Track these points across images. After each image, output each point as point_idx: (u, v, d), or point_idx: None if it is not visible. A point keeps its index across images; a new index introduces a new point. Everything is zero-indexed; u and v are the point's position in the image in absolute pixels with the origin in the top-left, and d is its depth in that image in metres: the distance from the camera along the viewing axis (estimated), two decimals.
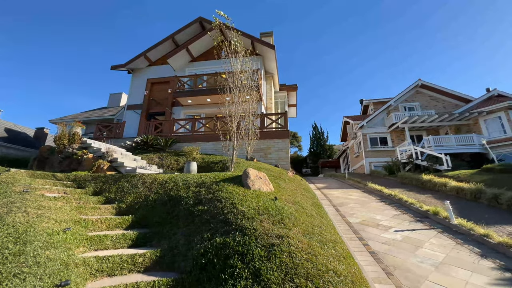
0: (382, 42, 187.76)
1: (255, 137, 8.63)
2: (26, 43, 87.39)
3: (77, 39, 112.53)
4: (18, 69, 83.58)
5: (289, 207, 4.12)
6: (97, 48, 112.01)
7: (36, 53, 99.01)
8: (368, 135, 18.30)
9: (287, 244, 2.76)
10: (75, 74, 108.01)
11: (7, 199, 3.74)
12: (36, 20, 72.63)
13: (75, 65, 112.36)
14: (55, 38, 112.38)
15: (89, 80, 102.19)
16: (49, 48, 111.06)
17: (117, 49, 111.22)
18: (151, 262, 3.05)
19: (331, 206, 6.88)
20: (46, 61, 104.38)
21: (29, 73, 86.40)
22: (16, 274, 2.22)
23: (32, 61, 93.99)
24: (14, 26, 69.26)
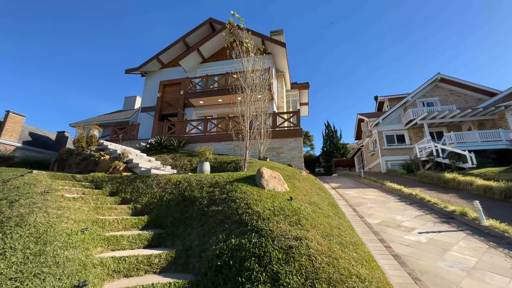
0: (395, 38, 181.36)
1: (267, 137, 8.53)
2: (42, 42, 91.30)
3: (92, 42, 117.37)
4: (36, 70, 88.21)
5: (306, 207, 3.98)
6: (112, 52, 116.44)
7: (55, 55, 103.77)
8: (384, 133, 17.67)
9: (306, 246, 2.63)
10: (93, 79, 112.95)
11: (29, 199, 3.85)
12: (46, 20, 75.63)
13: (93, 70, 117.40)
14: (69, 39, 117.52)
15: (105, 84, 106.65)
16: (66, 52, 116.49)
17: (131, 52, 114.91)
18: (166, 263, 3.02)
19: (347, 206, 6.64)
20: (66, 65, 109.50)
21: (48, 76, 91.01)
22: (37, 274, 2.24)
23: (52, 62, 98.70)
24: (20, 26, 72.39)
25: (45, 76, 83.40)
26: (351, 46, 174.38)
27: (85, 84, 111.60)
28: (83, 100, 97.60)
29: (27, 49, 77.50)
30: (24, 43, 75.10)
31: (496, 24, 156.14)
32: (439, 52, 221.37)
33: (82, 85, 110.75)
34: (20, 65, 74.50)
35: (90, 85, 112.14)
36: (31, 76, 73.71)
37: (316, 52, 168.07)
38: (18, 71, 74.21)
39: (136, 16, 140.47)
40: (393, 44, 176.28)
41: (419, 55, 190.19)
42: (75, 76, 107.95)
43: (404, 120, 17.30)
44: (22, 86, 75.14)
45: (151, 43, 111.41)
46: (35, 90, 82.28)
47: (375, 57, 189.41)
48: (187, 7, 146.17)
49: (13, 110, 17.27)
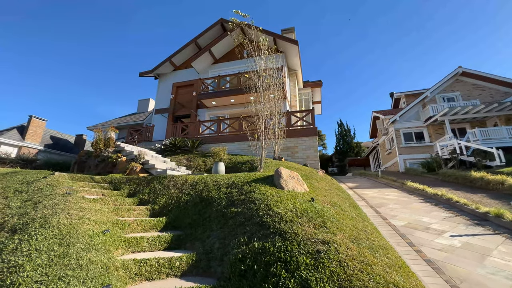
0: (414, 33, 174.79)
1: (281, 136, 8.37)
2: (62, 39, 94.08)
3: (106, 45, 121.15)
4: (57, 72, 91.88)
5: (328, 208, 3.80)
6: (125, 56, 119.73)
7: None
8: (402, 130, 17.00)
9: (335, 251, 2.46)
10: (107, 82, 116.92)
11: (52, 201, 3.91)
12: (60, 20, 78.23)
13: (106, 72, 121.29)
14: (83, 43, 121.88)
15: (119, 87, 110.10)
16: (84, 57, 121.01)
17: (143, 55, 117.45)
18: (187, 266, 2.94)
19: (368, 207, 6.36)
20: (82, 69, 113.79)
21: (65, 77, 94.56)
22: (61, 277, 2.22)
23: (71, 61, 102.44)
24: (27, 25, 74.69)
25: (62, 76, 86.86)
26: (364, 45, 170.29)
27: (100, 88, 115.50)
28: (99, 104, 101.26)
29: (43, 46, 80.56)
30: (39, 39, 77.83)
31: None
32: (460, 47, 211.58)
33: (98, 89, 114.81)
34: (37, 63, 77.59)
35: (104, 89, 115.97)
36: (47, 73, 76.52)
37: (328, 50, 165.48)
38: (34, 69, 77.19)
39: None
40: (408, 38, 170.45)
41: (438, 50, 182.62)
42: (91, 79, 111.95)
43: (423, 117, 16.56)
44: (39, 86, 78.57)
45: (162, 46, 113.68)
46: (50, 92, 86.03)
47: (388, 53, 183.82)
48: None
49: (35, 115, 18.07)
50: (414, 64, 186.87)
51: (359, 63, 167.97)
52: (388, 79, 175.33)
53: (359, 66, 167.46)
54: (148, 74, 15.97)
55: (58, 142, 20.25)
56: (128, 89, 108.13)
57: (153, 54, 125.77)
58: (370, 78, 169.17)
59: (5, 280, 2.13)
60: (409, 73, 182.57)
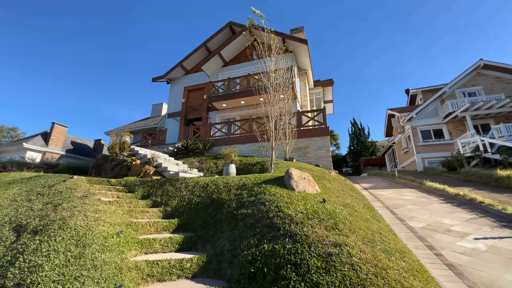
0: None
1: (292, 136, 8.28)
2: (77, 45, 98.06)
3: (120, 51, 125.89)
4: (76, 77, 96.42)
5: (341, 210, 3.69)
6: (140, 62, 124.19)
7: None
8: (419, 128, 16.31)
9: (347, 254, 2.38)
10: (124, 88, 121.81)
11: (70, 203, 4.08)
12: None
13: (121, 79, 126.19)
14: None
15: (133, 93, 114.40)
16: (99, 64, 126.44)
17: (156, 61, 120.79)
18: (198, 268, 2.95)
19: (384, 208, 6.13)
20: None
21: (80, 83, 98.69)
22: (77, 277, 2.29)
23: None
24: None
25: (76, 81, 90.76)
26: (379, 42, 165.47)
27: (117, 93, 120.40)
28: (114, 110, 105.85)
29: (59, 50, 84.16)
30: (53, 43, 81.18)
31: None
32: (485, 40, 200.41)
33: (115, 95, 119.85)
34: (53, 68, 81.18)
35: (122, 95, 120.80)
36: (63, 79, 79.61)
37: (341, 49, 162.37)
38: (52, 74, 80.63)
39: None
40: (423, 34, 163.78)
41: (458, 44, 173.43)
42: (108, 85, 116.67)
43: (441, 113, 15.81)
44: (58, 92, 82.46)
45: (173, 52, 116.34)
46: (70, 98, 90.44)
47: (402, 50, 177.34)
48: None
49: (57, 121, 19.06)
50: (430, 61, 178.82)
51: (374, 62, 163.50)
52: (403, 77, 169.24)
53: (373, 66, 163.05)
54: (160, 79, 16.40)
55: (78, 147, 21.22)
56: (144, 94, 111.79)
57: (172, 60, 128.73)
58: (385, 77, 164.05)
59: (25, 280, 2.23)
60: (424, 71, 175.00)
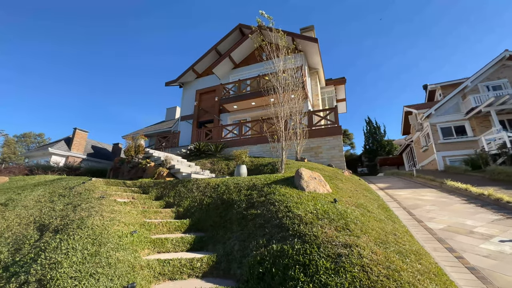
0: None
1: (303, 136, 8.18)
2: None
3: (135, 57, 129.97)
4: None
5: (352, 210, 3.59)
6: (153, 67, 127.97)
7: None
8: (439, 125, 15.54)
9: (358, 255, 2.31)
10: (140, 93, 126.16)
11: (88, 204, 4.27)
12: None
13: (135, 84, 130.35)
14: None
15: (149, 98, 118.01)
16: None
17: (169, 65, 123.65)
18: (208, 267, 2.98)
19: (400, 208, 5.89)
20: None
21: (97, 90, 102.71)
22: (92, 274, 2.39)
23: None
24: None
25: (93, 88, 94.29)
26: (387, 40, 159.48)
27: (133, 99, 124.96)
28: (133, 114, 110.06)
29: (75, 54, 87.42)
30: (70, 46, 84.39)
31: None
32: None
33: (133, 99, 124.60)
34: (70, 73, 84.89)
35: (138, 99, 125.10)
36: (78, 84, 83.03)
37: (353, 46, 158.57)
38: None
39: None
40: (441, 26, 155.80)
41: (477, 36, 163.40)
42: (126, 90, 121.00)
43: (463, 109, 14.98)
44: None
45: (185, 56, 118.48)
46: (89, 104, 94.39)
47: (417, 45, 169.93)
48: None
49: (79, 127, 20.09)
50: (446, 56, 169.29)
51: (388, 60, 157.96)
52: (420, 74, 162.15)
53: (388, 63, 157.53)
54: (173, 83, 16.84)
55: (98, 151, 22.24)
56: (160, 98, 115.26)
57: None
58: (401, 73, 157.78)
59: (46, 275, 2.36)
60: (441, 66, 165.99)
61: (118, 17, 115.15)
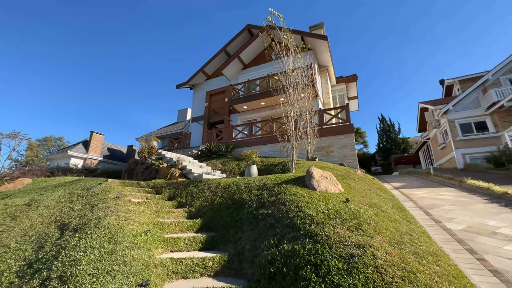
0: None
1: (314, 135, 8.09)
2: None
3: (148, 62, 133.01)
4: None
5: (366, 210, 3.50)
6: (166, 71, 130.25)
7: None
8: (457, 121, 14.87)
9: (371, 255, 2.25)
10: (153, 96, 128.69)
11: (105, 204, 4.43)
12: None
13: (147, 86, 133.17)
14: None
15: (161, 101, 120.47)
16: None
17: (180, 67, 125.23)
18: (220, 266, 3.01)
19: (417, 208, 5.69)
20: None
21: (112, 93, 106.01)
22: (109, 271, 2.48)
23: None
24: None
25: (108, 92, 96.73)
26: (400, 37, 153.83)
27: (145, 103, 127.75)
28: (145, 118, 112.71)
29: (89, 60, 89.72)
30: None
31: None
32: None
33: (146, 103, 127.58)
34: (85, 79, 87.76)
35: (151, 102, 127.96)
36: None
37: (364, 42, 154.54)
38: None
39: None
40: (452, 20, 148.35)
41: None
42: (135, 94, 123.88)
43: (484, 104, 14.25)
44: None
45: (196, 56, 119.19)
46: (103, 108, 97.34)
47: (431, 41, 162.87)
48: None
49: (95, 130, 20.88)
50: (463, 49, 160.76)
51: (400, 55, 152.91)
52: (435, 69, 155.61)
53: (401, 59, 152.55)
54: (183, 85, 17.14)
55: (114, 153, 23.02)
56: (171, 101, 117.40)
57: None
58: (416, 70, 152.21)
59: (66, 272, 2.47)
60: (456, 60, 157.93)
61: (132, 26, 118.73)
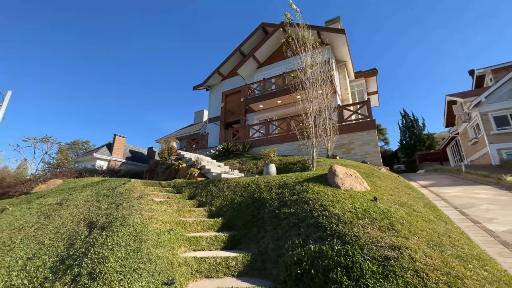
0: None
1: (334, 132, 7.82)
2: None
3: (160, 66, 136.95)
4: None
5: (396, 209, 3.27)
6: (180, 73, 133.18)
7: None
8: (491, 114, 13.72)
9: (409, 258, 2.06)
10: (168, 99, 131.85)
11: (129, 203, 4.55)
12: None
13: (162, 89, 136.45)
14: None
15: (178, 104, 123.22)
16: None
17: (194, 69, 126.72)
18: (243, 266, 2.95)
19: (450, 208, 5.27)
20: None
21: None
22: (135, 269, 2.50)
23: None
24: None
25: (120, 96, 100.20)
26: (419, 30, 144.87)
27: (163, 107, 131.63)
28: (163, 120, 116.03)
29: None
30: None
31: None
32: None
33: (162, 106, 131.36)
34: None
35: (166, 105, 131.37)
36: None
37: (384, 35, 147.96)
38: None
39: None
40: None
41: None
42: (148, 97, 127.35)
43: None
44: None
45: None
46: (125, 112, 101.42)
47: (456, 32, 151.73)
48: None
49: (118, 133, 21.85)
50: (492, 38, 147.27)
51: (420, 49, 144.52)
52: (464, 60, 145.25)
53: (423, 52, 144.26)
54: (200, 87, 17.42)
55: (135, 155, 23.96)
56: (188, 103, 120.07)
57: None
58: (438, 62, 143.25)
59: (95, 269, 2.52)
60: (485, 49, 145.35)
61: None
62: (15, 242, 3.90)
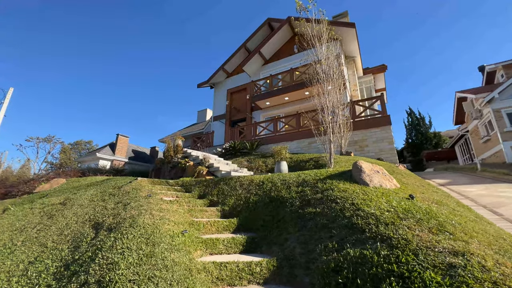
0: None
1: (348, 129, 7.48)
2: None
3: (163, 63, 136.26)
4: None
5: (438, 208, 2.94)
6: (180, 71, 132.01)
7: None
8: (504, 110, 13.29)
9: (480, 266, 1.73)
10: (170, 99, 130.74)
11: (137, 202, 4.24)
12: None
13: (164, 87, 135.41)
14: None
15: (179, 102, 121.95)
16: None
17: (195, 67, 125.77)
18: (269, 272, 2.63)
19: (480, 207, 4.92)
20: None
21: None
22: (150, 277, 2.18)
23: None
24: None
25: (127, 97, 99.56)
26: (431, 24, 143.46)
27: (165, 104, 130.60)
28: (165, 120, 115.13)
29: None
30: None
31: None
32: None
33: (165, 106, 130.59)
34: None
35: (168, 105, 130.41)
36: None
37: (390, 32, 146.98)
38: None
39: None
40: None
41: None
42: (159, 97, 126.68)
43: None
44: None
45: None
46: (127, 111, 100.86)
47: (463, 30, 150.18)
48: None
49: (121, 133, 21.61)
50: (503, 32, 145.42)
51: (429, 44, 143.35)
52: (472, 57, 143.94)
53: (430, 50, 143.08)
54: (204, 84, 17.10)
55: (138, 155, 23.71)
56: (189, 103, 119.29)
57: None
58: (450, 59, 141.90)
59: (105, 277, 2.21)
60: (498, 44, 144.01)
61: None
62: (16, 244, 3.61)
